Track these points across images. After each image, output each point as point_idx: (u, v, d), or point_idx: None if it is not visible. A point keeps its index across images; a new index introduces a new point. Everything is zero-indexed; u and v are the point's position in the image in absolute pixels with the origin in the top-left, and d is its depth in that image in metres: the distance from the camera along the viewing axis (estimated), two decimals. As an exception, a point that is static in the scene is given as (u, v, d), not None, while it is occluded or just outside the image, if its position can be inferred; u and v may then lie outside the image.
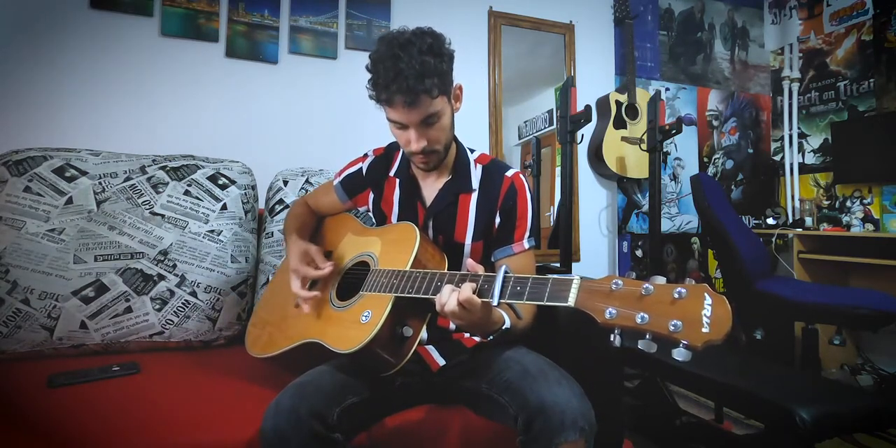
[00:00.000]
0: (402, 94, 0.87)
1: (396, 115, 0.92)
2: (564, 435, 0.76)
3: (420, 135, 0.93)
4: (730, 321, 0.55)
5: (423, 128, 0.93)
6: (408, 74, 0.86)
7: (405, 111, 0.90)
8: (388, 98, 0.89)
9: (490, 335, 0.89)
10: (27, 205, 1.23)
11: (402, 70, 0.86)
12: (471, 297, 0.75)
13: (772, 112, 2.95)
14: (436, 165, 1.02)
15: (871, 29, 2.51)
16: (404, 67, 0.86)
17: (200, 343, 1.34)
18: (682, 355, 0.56)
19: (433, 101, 0.91)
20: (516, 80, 2.33)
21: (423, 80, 0.87)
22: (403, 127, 0.94)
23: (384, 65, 0.88)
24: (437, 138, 0.96)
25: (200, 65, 1.82)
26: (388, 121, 0.95)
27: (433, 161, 1.00)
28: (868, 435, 1.71)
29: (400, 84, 0.86)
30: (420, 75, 0.86)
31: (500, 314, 0.88)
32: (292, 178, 1.53)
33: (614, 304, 0.62)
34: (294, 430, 0.77)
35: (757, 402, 1.13)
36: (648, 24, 2.64)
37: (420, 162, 0.99)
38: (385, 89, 0.88)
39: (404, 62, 0.86)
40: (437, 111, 0.93)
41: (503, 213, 1.04)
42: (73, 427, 0.86)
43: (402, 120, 0.92)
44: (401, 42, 0.89)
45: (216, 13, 1.83)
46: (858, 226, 2.48)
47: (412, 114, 0.90)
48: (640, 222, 2.56)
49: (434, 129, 0.95)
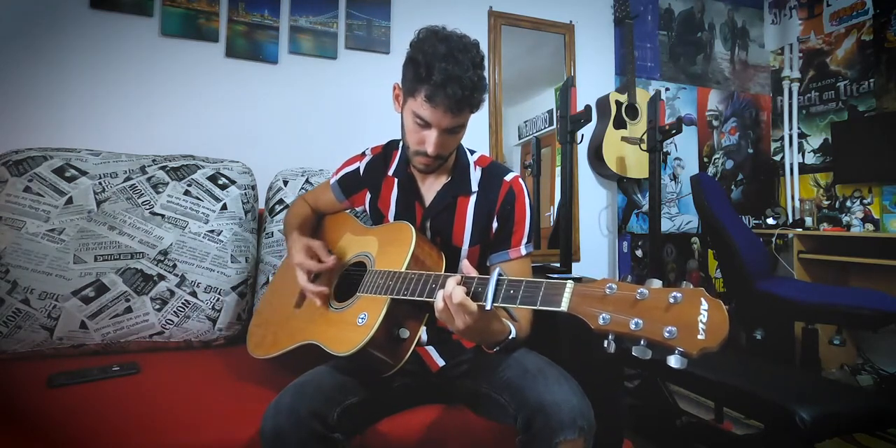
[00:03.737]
0: (451, 100, 0.85)
1: (429, 115, 0.89)
2: (564, 434, 0.75)
3: (440, 140, 0.92)
4: (726, 328, 0.53)
5: (446, 135, 0.92)
6: (465, 84, 0.85)
7: (442, 115, 0.88)
8: (432, 97, 0.86)
9: (496, 346, 0.87)
10: (27, 205, 1.23)
11: (461, 78, 0.85)
12: (464, 300, 0.74)
13: (772, 112, 2.95)
14: (435, 170, 1.02)
15: (871, 29, 2.51)
16: (462, 75, 0.85)
17: (200, 343, 1.34)
18: (678, 362, 0.54)
19: (470, 114, 0.92)
20: (516, 80, 2.33)
21: (474, 95, 0.87)
22: (426, 126, 0.91)
23: (440, 64, 0.85)
24: (451, 146, 0.97)
25: (200, 65, 1.82)
26: (413, 113, 0.91)
27: (435, 166, 0.99)
28: (868, 435, 1.71)
29: (455, 90, 0.85)
30: (475, 89, 0.87)
31: (504, 324, 0.86)
32: (292, 178, 1.53)
33: (608, 310, 0.60)
34: (294, 430, 0.77)
35: (757, 402, 1.13)
36: (648, 24, 2.64)
37: (423, 164, 0.98)
38: (436, 89, 0.85)
39: (461, 68, 0.85)
40: (465, 123, 0.93)
41: (501, 218, 1.03)
42: (73, 427, 0.86)
43: (432, 121, 0.90)
44: (457, 44, 0.88)
45: (216, 13, 1.83)
46: (858, 226, 2.48)
47: (446, 120, 0.89)
48: (640, 222, 2.56)
49: (453, 139, 0.95)
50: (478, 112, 0.95)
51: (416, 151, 0.96)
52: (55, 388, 1.01)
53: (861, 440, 1.70)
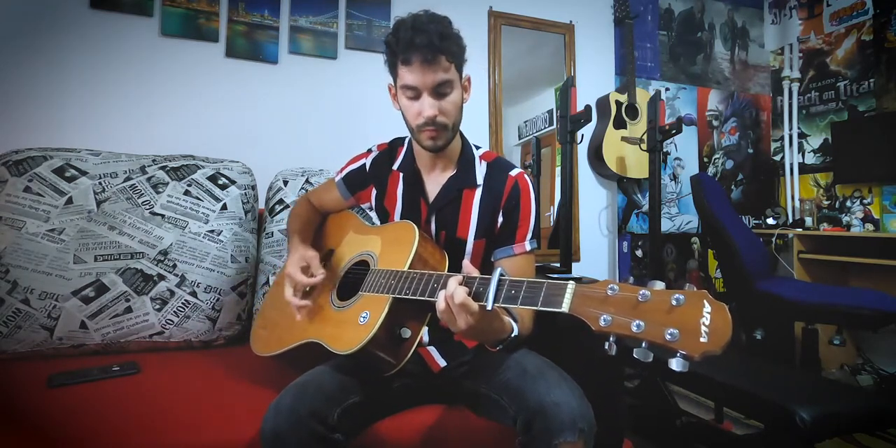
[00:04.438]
0: (422, 51, 0.89)
1: (412, 77, 0.92)
2: (563, 436, 0.75)
3: (433, 102, 0.94)
4: (729, 332, 0.53)
5: (436, 96, 0.94)
6: (431, 32, 0.89)
7: (421, 70, 0.91)
8: (406, 57, 0.90)
9: (498, 345, 0.86)
10: (27, 205, 1.23)
11: (425, 29, 0.90)
12: (466, 300, 0.73)
13: (772, 112, 2.95)
14: (444, 144, 0.99)
15: (871, 29, 2.51)
16: (426, 27, 0.90)
17: (200, 343, 1.34)
18: (680, 365, 0.54)
19: (450, 65, 0.93)
20: (516, 80, 2.33)
21: (443, 40, 0.90)
22: (416, 96, 0.94)
23: (405, 26, 0.91)
24: (448, 111, 0.96)
25: (200, 65, 1.82)
26: (402, 89, 0.95)
27: (442, 137, 0.97)
28: (868, 435, 1.71)
29: (422, 39, 0.88)
30: (441, 35, 0.90)
31: (506, 322, 0.85)
32: (292, 178, 1.53)
33: (609, 311, 0.60)
34: (294, 431, 0.77)
35: (757, 402, 1.13)
36: (648, 24, 2.64)
37: (428, 137, 0.97)
38: (406, 47, 0.90)
39: (426, 24, 0.90)
40: (450, 80, 0.94)
41: (506, 213, 1.03)
42: (73, 427, 0.86)
43: (416, 83, 0.92)
44: (422, 17, 0.93)
45: (216, 13, 1.83)
46: (858, 226, 2.48)
47: (428, 75, 0.91)
48: (640, 222, 2.56)
49: (446, 102, 0.95)
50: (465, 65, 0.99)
51: (419, 125, 0.96)
52: (55, 388, 1.01)
53: (861, 440, 1.70)
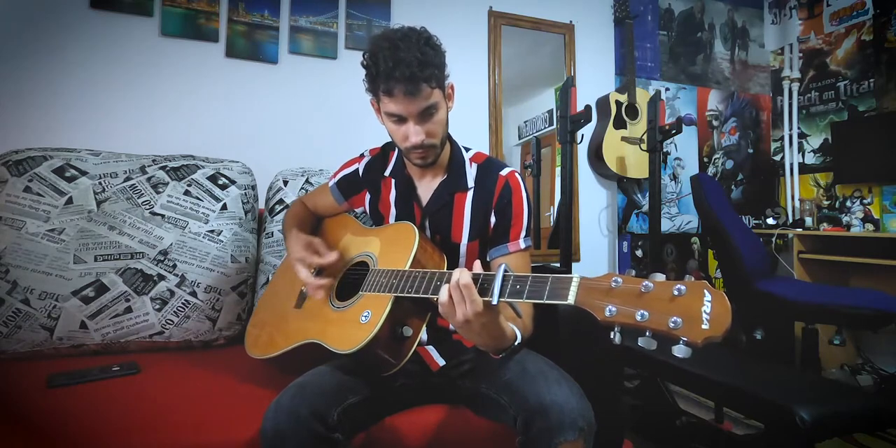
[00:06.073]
0: (403, 83, 0.87)
1: (395, 107, 0.91)
2: (563, 435, 0.75)
3: (419, 127, 0.93)
4: (729, 317, 0.55)
5: (421, 120, 0.93)
6: (409, 62, 0.87)
7: (405, 101, 0.90)
8: (388, 88, 0.89)
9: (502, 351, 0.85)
10: (27, 205, 1.23)
11: (403, 59, 0.87)
12: (471, 284, 0.73)
13: (772, 112, 2.95)
14: (433, 161, 1.01)
15: (871, 29, 2.51)
16: (405, 56, 0.87)
17: (200, 343, 1.34)
18: (683, 352, 0.56)
19: (432, 91, 0.91)
20: (516, 80, 2.33)
21: (424, 69, 0.88)
22: (401, 121, 0.94)
23: (383, 54, 0.88)
24: (435, 132, 0.96)
25: (200, 65, 1.82)
26: (386, 115, 0.95)
27: (431, 156, 0.99)
28: (868, 435, 1.71)
29: (402, 71, 0.86)
30: (421, 64, 0.88)
31: (508, 329, 0.85)
32: (292, 178, 1.53)
33: (614, 302, 0.62)
34: (294, 431, 0.77)
35: (757, 402, 1.13)
36: (648, 24, 2.64)
37: (418, 157, 0.99)
38: (386, 78, 0.88)
39: (404, 52, 0.87)
40: (434, 103, 0.93)
41: (498, 213, 1.03)
42: (72, 427, 0.86)
43: (401, 111, 0.92)
44: (398, 35, 0.90)
45: (216, 13, 1.83)
46: (858, 226, 2.48)
47: (412, 104, 0.91)
48: (640, 222, 2.56)
49: (431, 123, 0.95)
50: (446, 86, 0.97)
51: (407, 148, 0.97)
52: (55, 388, 1.01)
53: (861, 440, 1.70)
